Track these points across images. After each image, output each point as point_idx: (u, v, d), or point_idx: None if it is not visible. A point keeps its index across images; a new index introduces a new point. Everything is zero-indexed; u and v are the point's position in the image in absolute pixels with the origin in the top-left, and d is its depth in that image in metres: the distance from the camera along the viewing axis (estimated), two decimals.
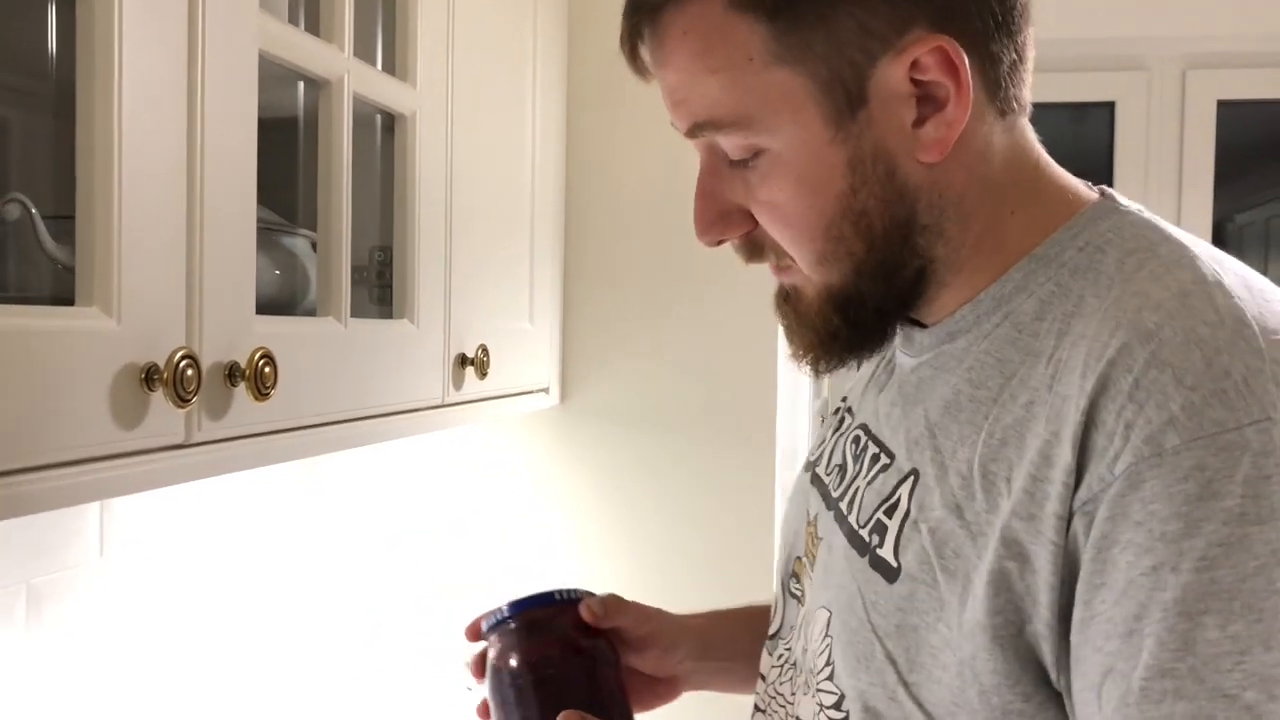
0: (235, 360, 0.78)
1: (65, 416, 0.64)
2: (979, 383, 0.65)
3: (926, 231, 0.66)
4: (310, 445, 0.92)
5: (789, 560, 0.81)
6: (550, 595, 0.82)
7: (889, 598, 0.64)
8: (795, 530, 0.81)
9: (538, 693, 0.78)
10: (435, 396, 1.14)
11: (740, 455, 1.54)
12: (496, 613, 0.82)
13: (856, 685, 0.65)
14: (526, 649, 0.80)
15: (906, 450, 0.68)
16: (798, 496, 0.84)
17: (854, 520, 0.70)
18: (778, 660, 0.80)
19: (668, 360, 1.56)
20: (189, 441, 0.75)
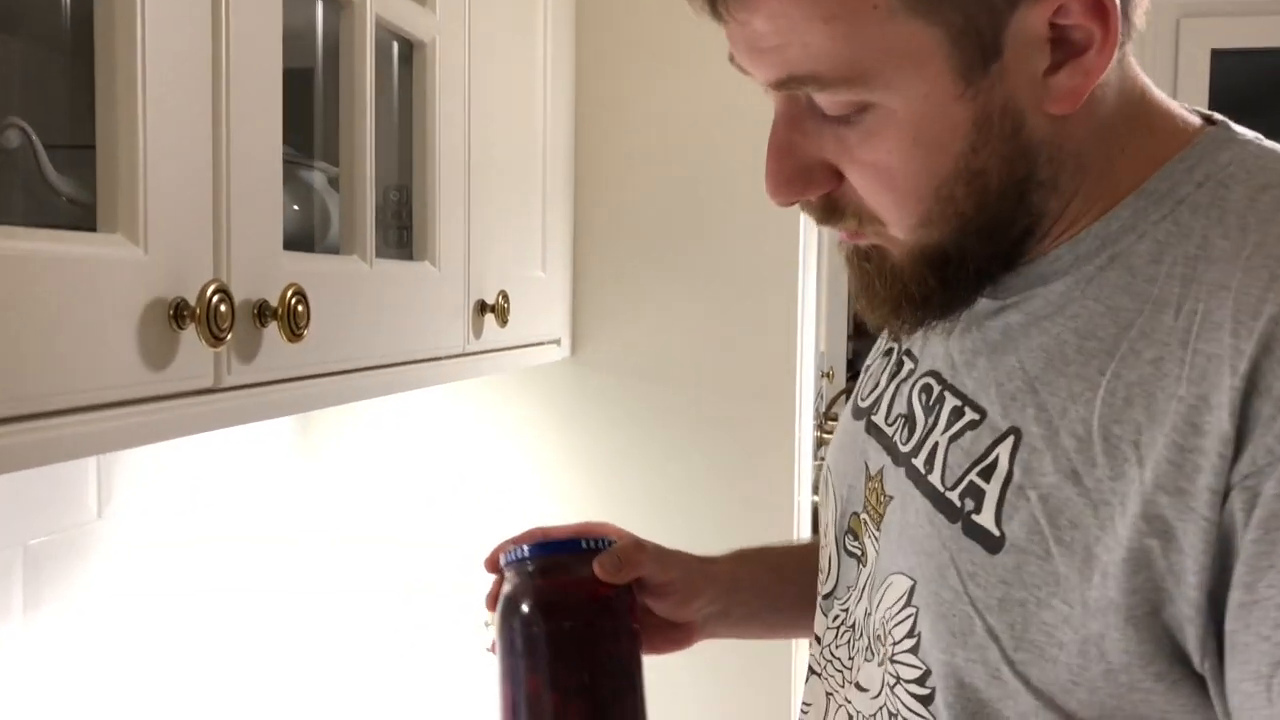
0: (265, 299, 0.72)
1: (89, 356, 0.58)
2: (1087, 333, 0.59)
3: (1042, 187, 0.60)
4: (339, 393, 0.86)
5: (844, 516, 0.75)
6: (576, 543, 0.77)
7: (991, 570, 0.59)
8: (851, 485, 0.75)
9: (547, 643, 0.74)
10: (456, 345, 1.08)
11: (758, 408, 1.49)
12: (517, 549, 0.77)
13: (950, 661, 0.60)
14: (541, 595, 0.75)
15: (1001, 406, 0.61)
16: (849, 446, 0.76)
17: (936, 480, 0.64)
18: (834, 622, 0.75)
19: (681, 311, 1.51)
20: (218, 386, 0.69)
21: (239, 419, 0.73)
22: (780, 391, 1.50)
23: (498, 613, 0.76)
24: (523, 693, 0.73)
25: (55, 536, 1.09)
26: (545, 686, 0.72)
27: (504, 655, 0.75)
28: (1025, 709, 0.58)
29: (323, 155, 0.94)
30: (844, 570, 0.74)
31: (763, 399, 1.50)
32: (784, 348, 1.50)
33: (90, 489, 1.13)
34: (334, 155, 0.90)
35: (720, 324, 1.50)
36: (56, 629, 1.08)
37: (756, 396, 1.50)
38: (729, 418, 1.50)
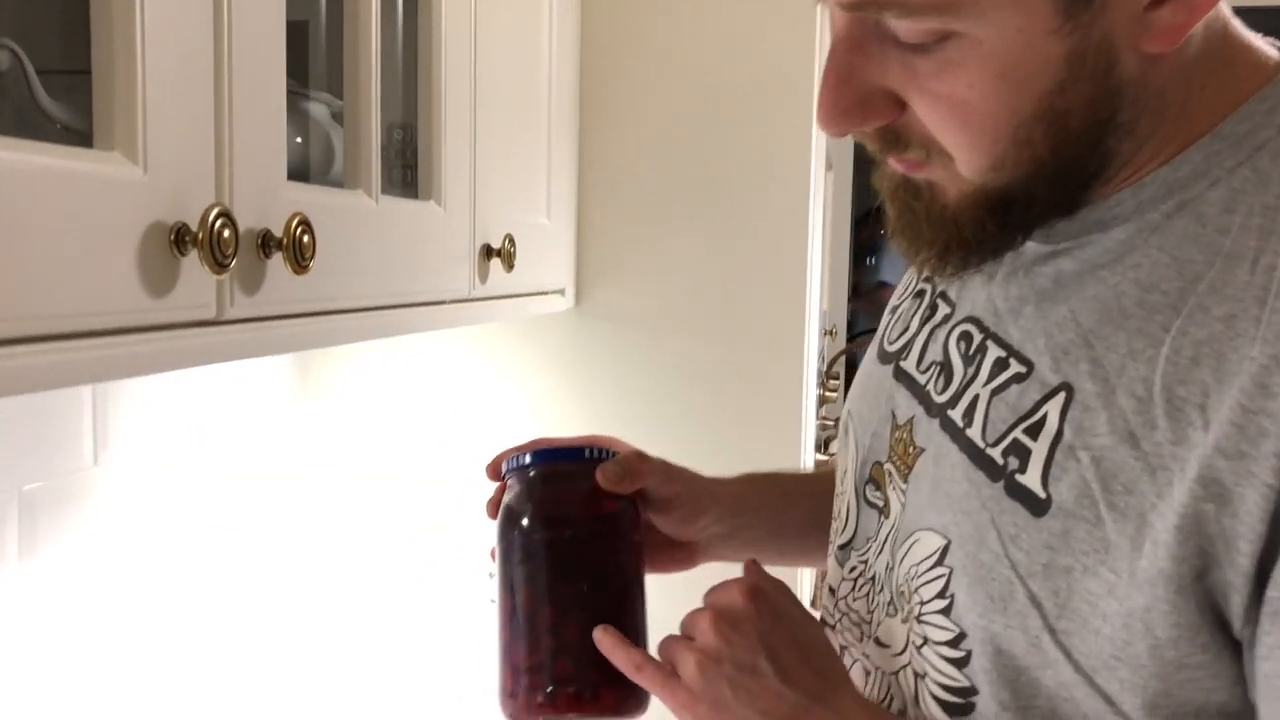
0: (268, 229, 0.69)
1: (87, 280, 0.55)
2: (1150, 285, 0.55)
3: (1120, 130, 0.56)
4: (342, 332, 0.83)
5: (865, 465, 0.72)
6: (579, 451, 0.75)
7: (1035, 533, 0.56)
8: (875, 432, 0.71)
9: (546, 552, 0.71)
10: (462, 289, 1.05)
11: (767, 361, 1.47)
12: (519, 457, 0.75)
13: (988, 626, 0.57)
14: (542, 503, 0.73)
15: (1052, 359, 0.58)
16: (873, 392, 0.73)
17: (976, 435, 0.60)
18: (850, 573, 0.72)
19: (688, 262, 1.48)
20: (220, 318, 0.67)
21: (241, 353, 0.70)
22: (789, 344, 1.48)
23: (498, 521, 0.74)
24: (520, 602, 0.71)
25: (50, 482, 1.06)
26: (542, 597, 0.70)
27: (503, 565, 0.73)
28: (1065, 679, 0.55)
29: (325, 87, 0.91)
30: (864, 521, 0.71)
31: (771, 352, 1.47)
32: (794, 299, 1.47)
33: (86, 436, 1.11)
34: (337, 88, 0.87)
35: (728, 275, 1.47)
36: (52, 576, 1.06)
37: (765, 349, 1.47)
38: (736, 371, 1.48)
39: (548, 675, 0.69)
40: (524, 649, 0.70)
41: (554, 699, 0.69)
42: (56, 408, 1.07)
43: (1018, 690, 0.57)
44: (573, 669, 0.69)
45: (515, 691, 0.70)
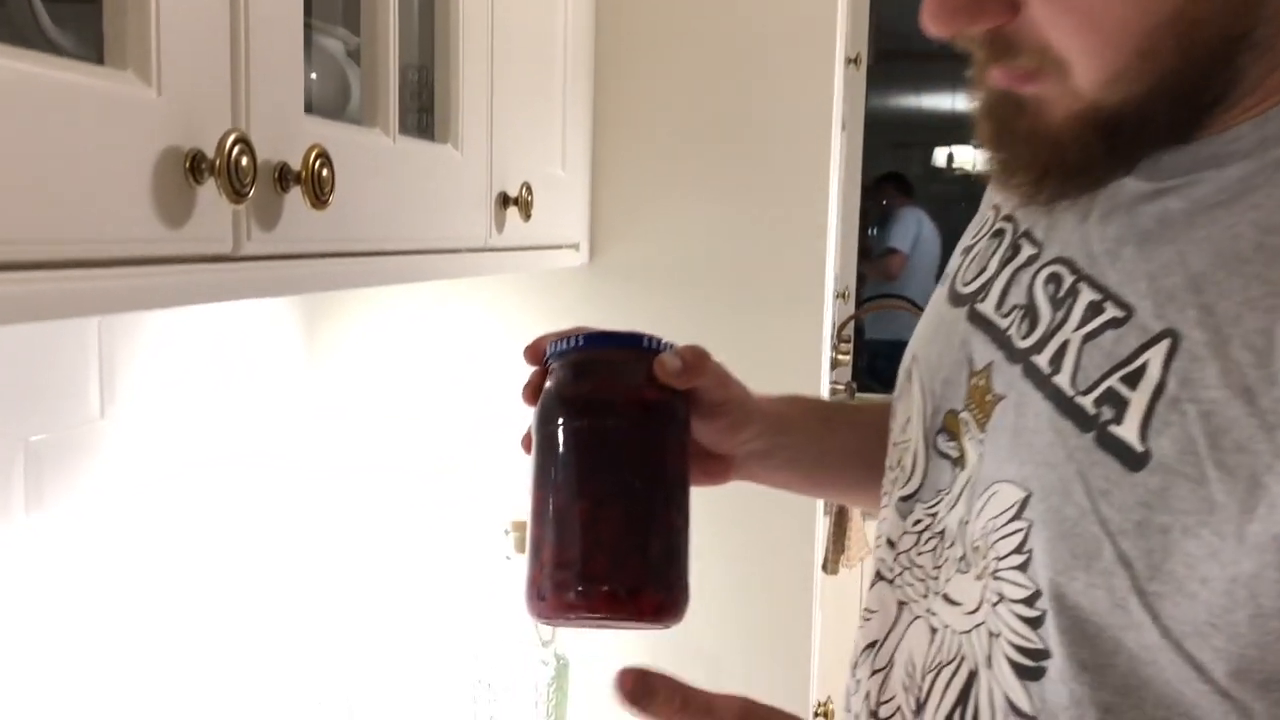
0: (286, 162, 0.66)
1: (99, 204, 0.52)
2: (1271, 227, 0.51)
3: (1253, 49, 0.52)
4: (359, 275, 0.81)
5: (936, 413, 0.67)
6: (637, 337, 0.69)
7: (1128, 488, 0.52)
8: (947, 379, 0.66)
9: (589, 439, 0.66)
10: (478, 238, 1.03)
11: (784, 320, 1.44)
12: (568, 340, 0.69)
13: (1068, 585, 0.54)
14: (590, 388, 0.67)
15: (1154, 304, 0.53)
16: (945, 336, 0.68)
17: (1064, 383, 0.56)
18: (914, 526, 0.68)
19: (704, 217, 1.45)
20: (237, 254, 0.64)
21: (257, 291, 0.68)
22: (807, 303, 1.45)
23: (537, 408, 0.69)
24: (554, 495, 0.65)
25: (58, 434, 1.04)
26: (580, 489, 0.65)
27: (539, 456, 0.67)
28: (1150, 643, 0.52)
29: (340, 22, 0.88)
30: (934, 472, 0.67)
31: (789, 311, 1.45)
32: (812, 257, 1.45)
33: (92, 389, 1.09)
34: (353, 23, 0.84)
35: (745, 233, 1.44)
36: (59, 529, 1.04)
37: (782, 309, 1.44)
38: (753, 332, 1.45)
39: (580, 572, 0.63)
40: (555, 544, 0.64)
41: (586, 597, 0.63)
42: (63, 360, 1.05)
43: (1095, 651, 0.53)
44: (608, 566, 0.63)
45: (543, 590, 0.64)
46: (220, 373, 1.30)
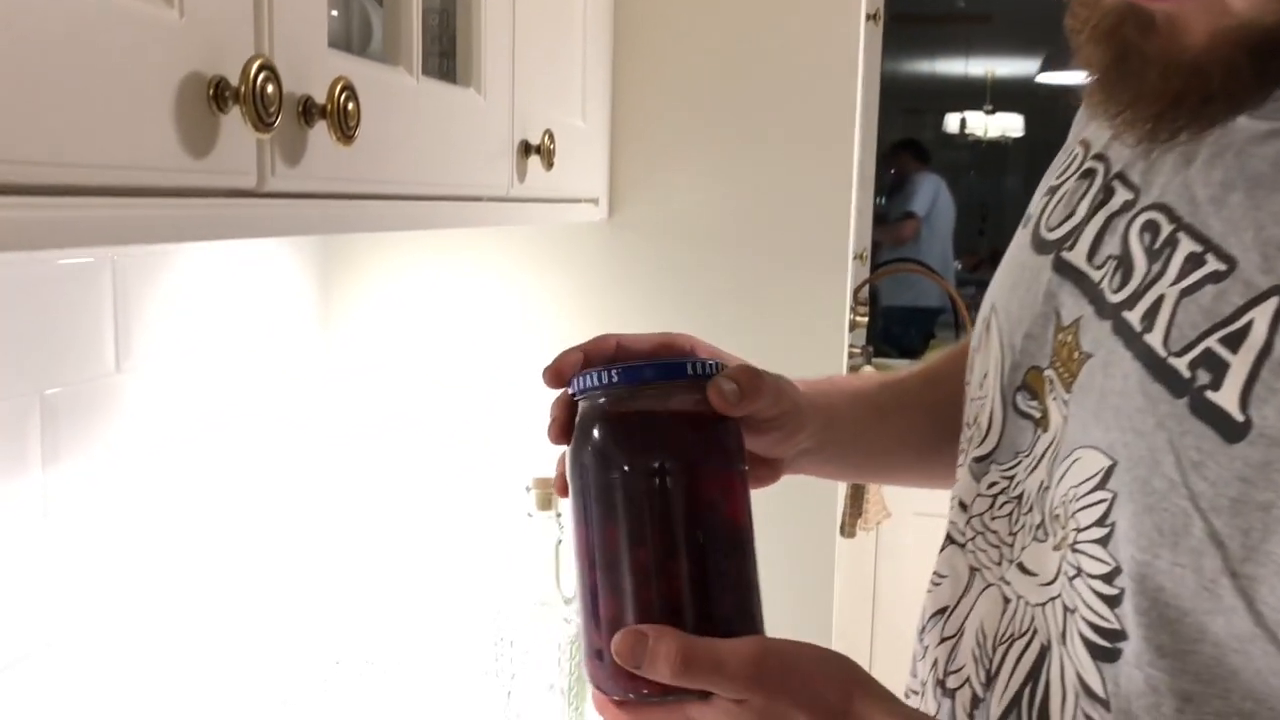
0: (310, 95, 0.64)
1: (120, 129, 0.50)
2: None
3: None
4: (382, 218, 0.79)
5: (1016, 369, 0.62)
6: (681, 367, 0.60)
7: (1225, 461, 0.47)
8: (1030, 333, 0.61)
9: (641, 496, 0.58)
10: (500, 186, 1.00)
11: (806, 277, 1.42)
12: (599, 373, 0.60)
13: (1152, 563, 0.50)
14: (635, 430, 0.59)
15: (1262, 257, 0.48)
16: (1028, 286, 0.63)
17: (1156, 342, 0.51)
18: (988, 489, 0.64)
19: (726, 172, 1.42)
20: (261, 189, 0.62)
21: (280, 229, 0.66)
22: (829, 261, 1.43)
23: (571, 456, 0.60)
24: (607, 549, 0.58)
25: (73, 388, 1.02)
26: (633, 550, 0.57)
27: (580, 506, 0.60)
28: (1240, 631, 0.47)
29: None
30: (1013, 432, 0.62)
31: (811, 269, 1.42)
32: (836, 212, 1.42)
33: (108, 342, 1.07)
34: None
35: (767, 187, 1.42)
36: (75, 483, 1.03)
37: (804, 267, 1.42)
38: (774, 289, 1.43)
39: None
40: (612, 606, 0.57)
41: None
42: (78, 313, 1.03)
43: (1177, 636, 0.49)
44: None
45: (603, 653, 0.57)
46: (236, 327, 1.28)
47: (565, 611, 1.17)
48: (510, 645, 1.16)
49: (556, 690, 1.16)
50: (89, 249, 1.04)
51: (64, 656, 1.02)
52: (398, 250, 1.48)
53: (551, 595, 1.16)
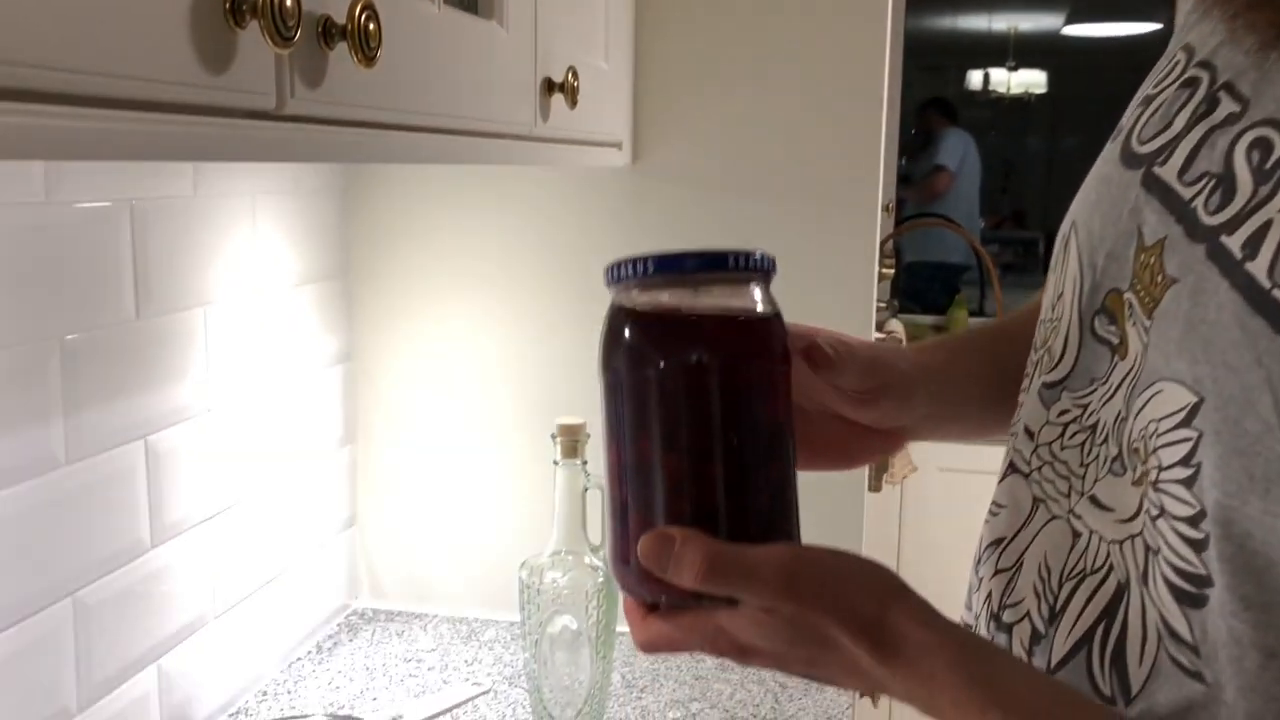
0: (329, 15, 0.62)
1: (132, 38, 0.48)
2: None
3: None
4: (402, 149, 0.77)
5: (1095, 290, 0.59)
6: (723, 257, 0.56)
7: None
8: (1112, 252, 0.57)
9: (675, 392, 0.54)
10: (524, 124, 0.98)
11: (835, 222, 1.39)
12: (633, 263, 0.56)
13: (1240, 510, 0.47)
14: (672, 327, 0.56)
15: None
16: (1112, 202, 0.59)
17: (1259, 271, 0.47)
18: (1059, 417, 0.60)
19: (751, 117, 1.39)
20: (280, 112, 0.60)
21: (300, 154, 0.64)
22: (859, 207, 1.40)
23: (601, 349, 0.57)
24: (635, 452, 0.56)
25: (94, 333, 1.01)
26: (664, 449, 0.55)
27: (610, 402, 0.57)
28: None
29: None
30: (1088, 358, 0.59)
31: (840, 217, 1.40)
32: (865, 157, 1.39)
33: (128, 287, 1.05)
34: None
35: (795, 130, 1.39)
36: (97, 428, 1.02)
37: (834, 214, 1.39)
38: (802, 235, 1.40)
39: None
40: (641, 510, 0.55)
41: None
42: (98, 258, 1.01)
43: (1264, 588, 0.46)
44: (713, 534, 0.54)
45: (629, 556, 0.55)
46: (256, 274, 1.26)
47: (592, 559, 1.15)
48: (537, 593, 1.15)
49: (584, 638, 1.15)
50: (107, 195, 1.02)
51: (84, 604, 1.02)
52: (417, 193, 1.46)
53: (578, 543, 1.15)
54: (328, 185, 1.42)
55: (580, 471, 1.15)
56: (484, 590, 1.51)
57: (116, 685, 1.06)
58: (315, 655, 1.40)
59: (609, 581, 1.16)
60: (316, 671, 1.36)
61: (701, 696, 1.32)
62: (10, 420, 0.92)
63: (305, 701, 1.29)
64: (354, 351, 1.50)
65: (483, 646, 1.44)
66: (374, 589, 1.56)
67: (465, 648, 1.44)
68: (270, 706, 1.27)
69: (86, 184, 1.00)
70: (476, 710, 1.27)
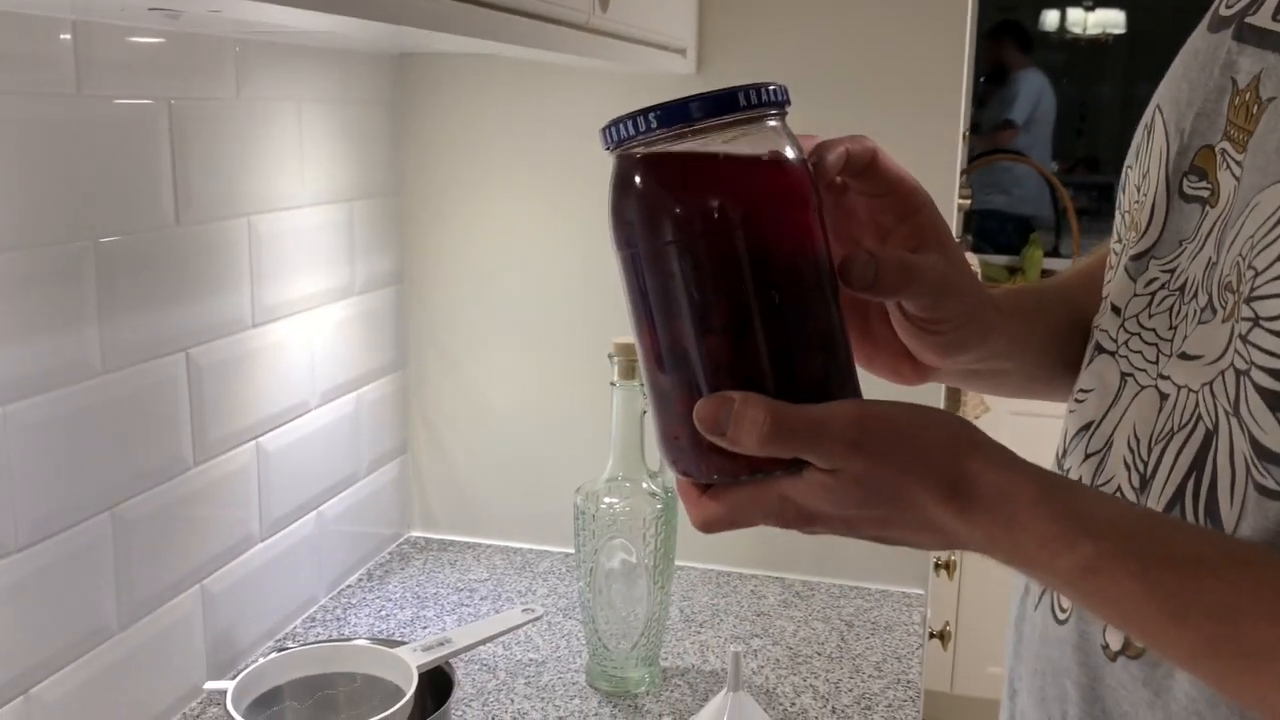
0: None
1: None
2: None
3: None
4: (453, 19, 0.70)
5: (1183, 154, 0.57)
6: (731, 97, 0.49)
7: None
8: (1202, 111, 0.56)
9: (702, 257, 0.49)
10: (582, 13, 0.91)
11: (916, 141, 1.30)
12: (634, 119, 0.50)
13: None
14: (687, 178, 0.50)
15: None
16: (1199, 68, 0.58)
17: None
18: (1146, 287, 0.58)
19: (826, 25, 1.30)
20: None
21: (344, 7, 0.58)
22: (941, 121, 1.31)
23: (610, 217, 0.52)
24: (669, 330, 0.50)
25: (131, 238, 0.96)
26: (699, 321, 0.49)
27: (632, 279, 0.51)
28: None
29: None
30: (1176, 220, 0.57)
31: (921, 130, 1.30)
32: (948, 70, 1.30)
33: (166, 192, 1.00)
34: None
35: (874, 40, 1.30)
36: (136, 340, 0.97)
37: (914, 128, 1.30)
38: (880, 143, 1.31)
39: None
40: (684, 390, 0.50)
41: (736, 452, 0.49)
42: (134, 158, 0.96)
43: None
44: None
45: (681, 442, 0.51)
46: (303, 185, 1.21)
47: (651, 485, 1.09)
48: (592, 520, 1.09)
49: (641, 568, 1.10)
50: (145, 92, 0.97)
51: (123, 520, 0.98)
52: (470, 109, 1.39)
53: (636, 468, 1.09)
54: (377, 98, 1.36)
55: (638, 393, 1.09)
56: (539, 520, 1.47)
57: (158, 605, 1.03)
58: (366, 583, 1.37)
59: (668, 509, 1.10)
60: (366, 599, 1.32)
61: (764, 633, 1.26)
62: (42, 323, 0.87)
63: (353, 628, 1.25)
64: (406, 273, 1.45)
65: (537, 577, 1.40)
66: (426, 517, 1.52)
67: (519, 578, 1.39)
68: (319, 633, 1.24)
69: (122, 79, 0.95)
70: (529, 640, 1.22)
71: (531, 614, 1.06)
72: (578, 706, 1.10)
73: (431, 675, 0.97)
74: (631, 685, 1.13)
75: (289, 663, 0.95)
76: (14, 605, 0.86)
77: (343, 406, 1.32)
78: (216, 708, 1.07)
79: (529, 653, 1.20)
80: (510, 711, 1.09)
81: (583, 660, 1.18)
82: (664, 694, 1.13)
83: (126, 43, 0.95)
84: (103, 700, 0.96)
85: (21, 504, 0.86)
